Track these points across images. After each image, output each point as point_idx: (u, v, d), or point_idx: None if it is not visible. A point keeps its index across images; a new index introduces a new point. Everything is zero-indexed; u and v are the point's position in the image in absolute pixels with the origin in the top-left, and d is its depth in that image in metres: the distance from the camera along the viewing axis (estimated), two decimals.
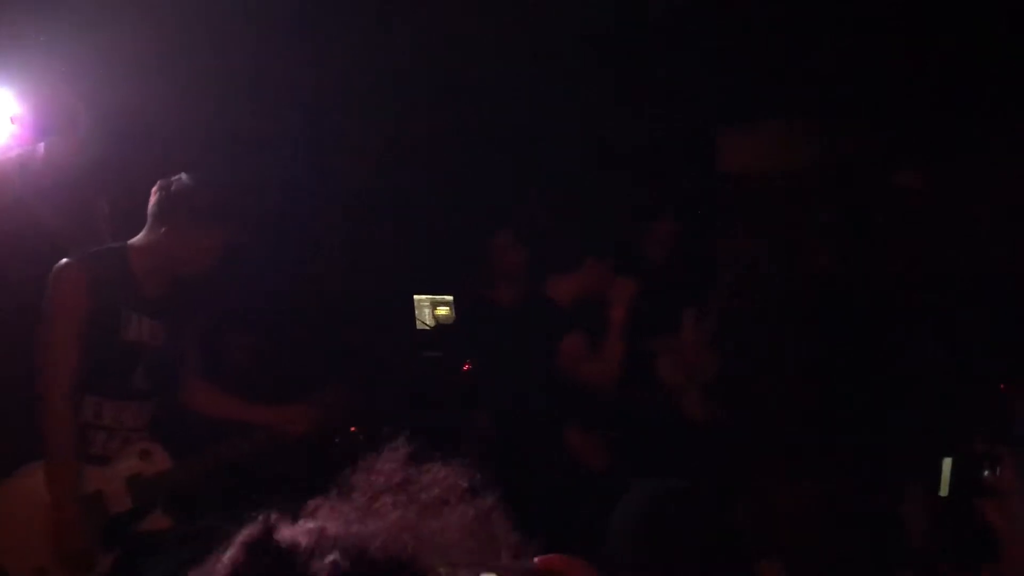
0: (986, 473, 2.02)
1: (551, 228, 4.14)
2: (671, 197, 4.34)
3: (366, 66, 3.90)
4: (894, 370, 3.94)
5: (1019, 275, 3.88)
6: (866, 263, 4.24)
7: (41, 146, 3.56)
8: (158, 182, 3.06)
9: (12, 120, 3.52)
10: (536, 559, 0.90)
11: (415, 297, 5.09)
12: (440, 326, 4.96)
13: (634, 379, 3.81)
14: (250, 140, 3.92)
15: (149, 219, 3.07)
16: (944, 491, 2.18)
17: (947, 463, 2.18)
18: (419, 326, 5.07)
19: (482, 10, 3.54)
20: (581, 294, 3.74)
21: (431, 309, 5.16)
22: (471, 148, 4.45)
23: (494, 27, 3.59)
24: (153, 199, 3.06)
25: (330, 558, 0.83)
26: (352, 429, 4.19)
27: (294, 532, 0.87)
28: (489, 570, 0.86)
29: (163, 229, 3.03)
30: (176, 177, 3.05)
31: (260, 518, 0.87)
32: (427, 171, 4.49)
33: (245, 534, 0.87)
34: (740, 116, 4.47)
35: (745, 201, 4.46)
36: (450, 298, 5.05)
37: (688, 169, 4.59)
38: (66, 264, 2.96)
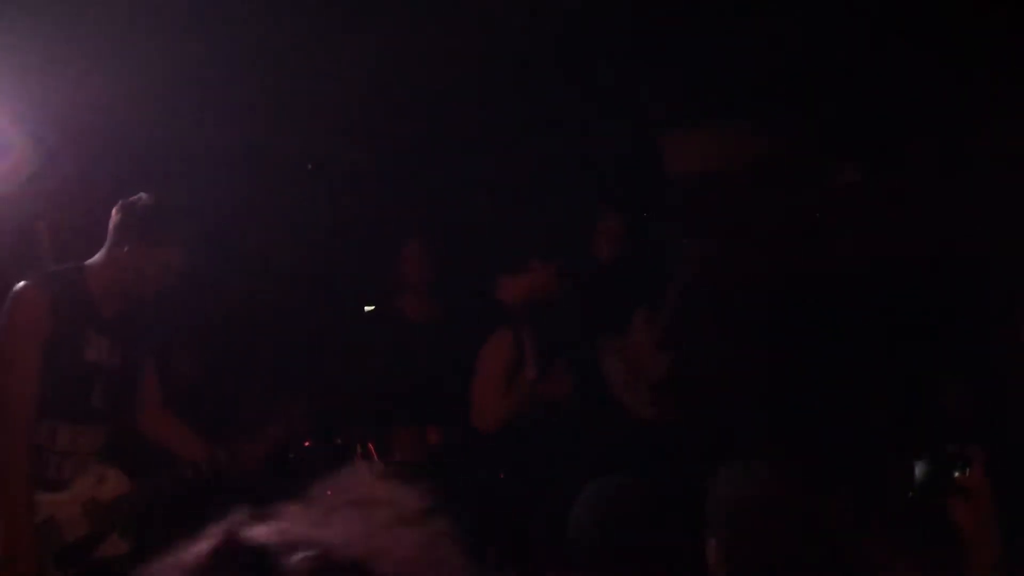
0: (956, 474, 2.07)
1: (497, 230, 4.16)
2: (615, 196, 4.39)
3: (312, 75, 3.89)
4: (842, 368, 4.02)
5: (963, 267, 3.99)
6: (808, 260, 4.33)
7: None
8: (119, 202, 3.03)
9: None
10: None
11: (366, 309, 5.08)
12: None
13: (581, 379, 3.85)
14: (198, 157, 3.88)
15: (108, 238, 3.03)
16: (913, 492, 2.23)
17: (919, 465, 2.22)
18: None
19: (420, 16, 3.55)
20: (529, 296, 3.77)
21: None
22: (414, 159, 4.45)
23: (433, 31, 3.60)
24: (112, 219, 3.03)
25: (298, 556, 0.84)
26: (306, 444, 4.17)
27: (261, 532, 0.89)
28: None
29: (121, 248, 2.99)
30: (135, 197, 3.02)
31: (227, 519, 0.89)
32: (375, 183, 4.48)
33: (212, 532, 0.88)
34: (683, 117, 4.54)
35: (691, 201, 4.52)
36: None
37: (633, 169, 4.65)
38: (25, 285, 2.90)
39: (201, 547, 0.87)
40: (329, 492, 0.97)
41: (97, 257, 3.04)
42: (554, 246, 3.85)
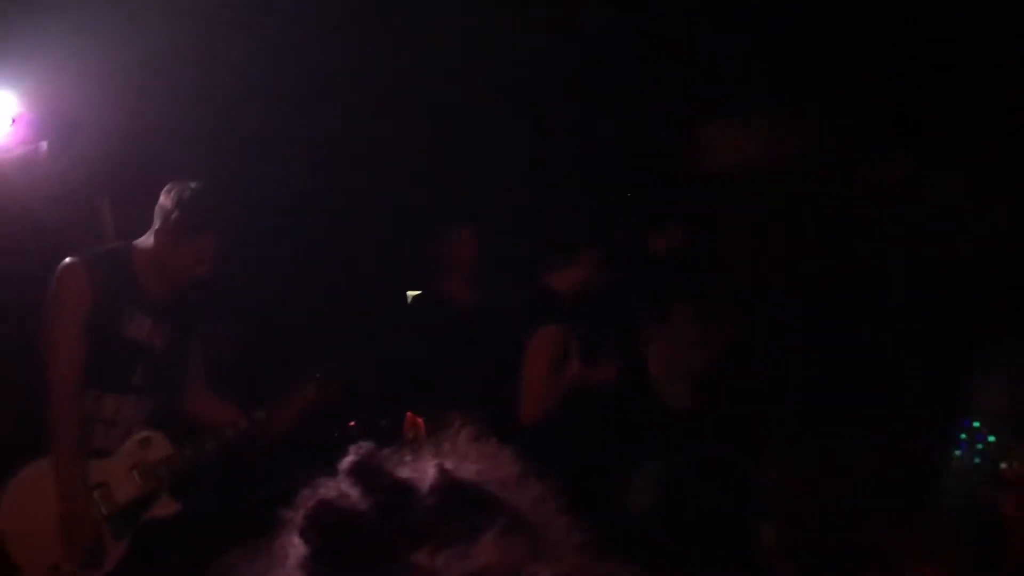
0: (1003, 466, 2.07)
1: (547, 221, 4.20)
2: (670, 200, 4.40)
3: (359, 66, 3.96)
4: (881, 359, 4.01)
5: (1000, 263, 3.96)
6: (849, 253, 4.32)
7: (43, 145, 3.62)
8: (167, 186, 3.14)
9: (13, 121, 3.58)
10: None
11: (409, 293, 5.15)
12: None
13: (625, 369, 3.88)
14: (250, 140, 3.98)
15: (154, 221, 3.15)
16: (955, 481, 2.23)
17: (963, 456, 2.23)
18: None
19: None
20: (577, 285, 3.79)
21: None
22: (463, 145, 4.51)
23: (481, 17, 3.65)
24: (159, 202, 3.14)
25: (431, 479, 0.89)
26: (351, 424, 4.24)
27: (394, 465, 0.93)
28: None
29: (160, 232, 3.11)
30: (182, 184, 3.12)
31: (359, 449, 0.93)
32: (418, 167, 4.54)
33: (350, 462, 0.93)
34: (723, 111, 4.55)
35: (731, 195, 4.53)
36: None
37: (675, 163, 4.66)
38: (69, 262, 3.04)
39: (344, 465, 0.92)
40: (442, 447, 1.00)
41: (144, 238, 3.16)
42: (604, 235, 3.87)
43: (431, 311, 4.21)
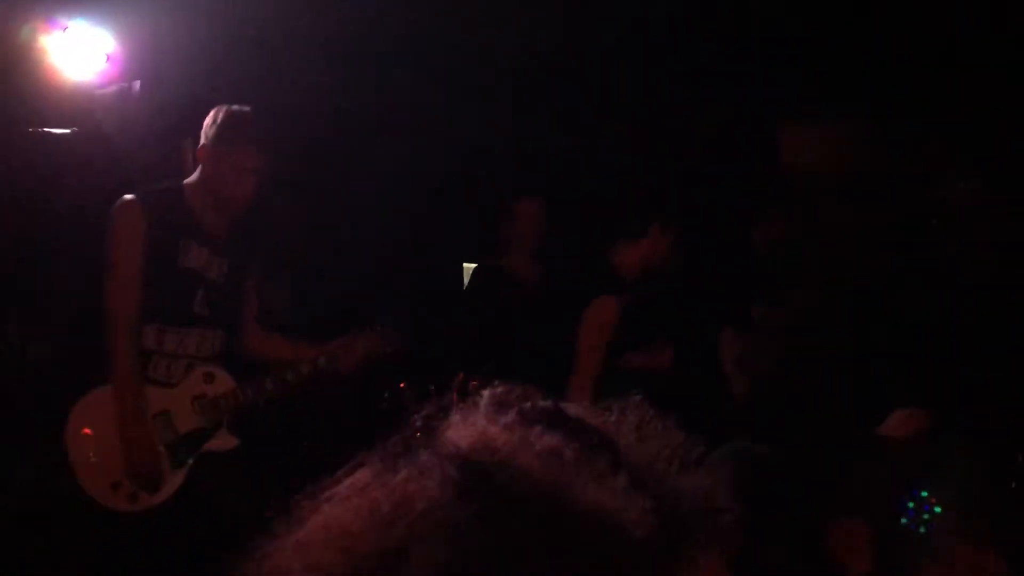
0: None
1: (616, 196, 4.20)
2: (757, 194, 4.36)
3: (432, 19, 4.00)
4: (943, 374, 3.96)
5: None
6: (919, 269, 4.27)
7: (137, 84, 3.73)
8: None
9: (108, 58, 3.69)
10: None
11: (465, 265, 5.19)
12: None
13: (685, 355, 3.85)
14: (331, 94, 4.05)
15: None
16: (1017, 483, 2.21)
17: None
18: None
19: None
20: (646, 263, 3.74)
21: None
22: (538, 120, 4.53)
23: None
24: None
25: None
26: (401, 385, 4.30)
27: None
28: None
29: (202, 151, 3.17)
30: (224, 105, 3.19)
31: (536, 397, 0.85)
32: (491, 139, 4.57)
33: (528, 407, 0.83)
34: (804, 112, 4.52)
35: (806, 198, 4.50)
36: None
37: (751, 161, 4.64)
38: (125, 199, 3.15)
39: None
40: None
41: (195, 173, 3.24)
42: (676, 216, 3.83)
43: (492, 283, 4.23)
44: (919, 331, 4.04)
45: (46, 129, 3.68)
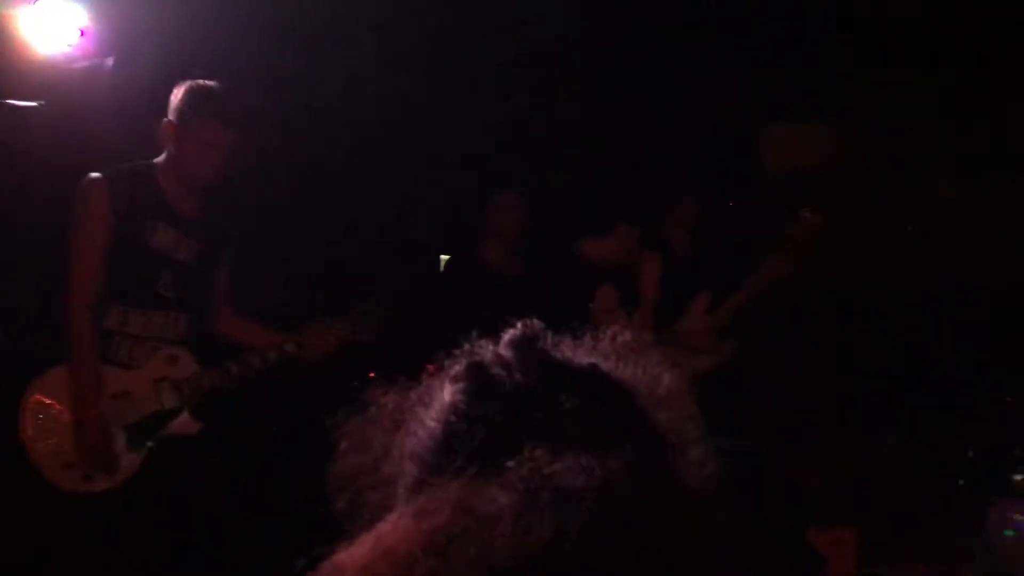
0: (1018, 477, 2.06)
1: (587, 192, 4.20)
2: (693, 180, 4.37)
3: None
4: (907, 375, 3.97)
5: None
6: (893, 269, 4.28)
7: (110, 61, 3.66)
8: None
9: (82, 32, 3.63)
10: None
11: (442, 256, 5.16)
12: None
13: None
14: (306, 79, 4.01)
15: None
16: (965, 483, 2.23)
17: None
18: None
19: None
20: (610, 260, 3.81)
21: None
22: (504, 109, 4.51)
23: None
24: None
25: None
26: (371, 375, 4.26)
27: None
28: None
29: (168, 127, 3.10)
30: (191, 80, 3.12)
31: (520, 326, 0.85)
32: (467, 130, 4.54)
33: (510, 336, 0.85)
34: (783, 113, 4.52)
35: (781, 197, 4.50)
36: None
37: (723, 159, 4.64)
38: (91, 177, 3.08)
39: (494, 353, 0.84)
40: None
41: (163, 153, 3.17)
42: (640, 214, 3.87)
43: (466, 274, 4.21)
44: (888, 331, 4.05)
45: (12, 102, 3.61)
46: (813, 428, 3.79)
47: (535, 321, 0.87)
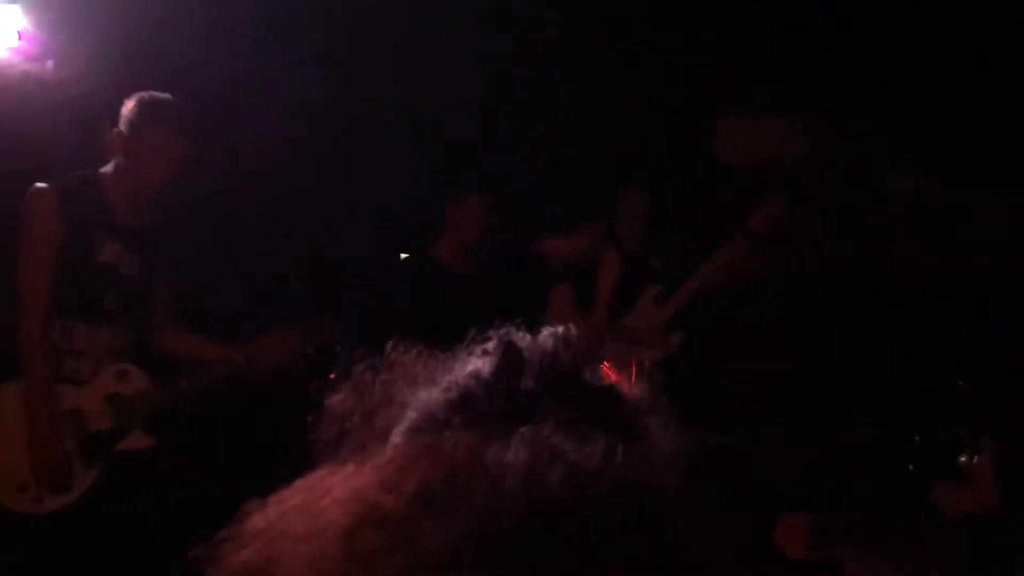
0: (963, 459, 2.08)
1: (549, 191, 4.19)
2: (643, 173, 4.38)
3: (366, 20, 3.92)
4: (870, 363, 4.02)
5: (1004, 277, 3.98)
6: (852, 259, 4.32)
7: (49, 64, 3.55)
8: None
9: (20, 35, 3.52)
10: None
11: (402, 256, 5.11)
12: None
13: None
14: (250, 78, 3.92)
15: None
16: (913, 467, 2.26)
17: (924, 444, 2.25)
18: None
19: None
20: (572, 258, 3.81)
21: None
22: (460, 112, 4.47)
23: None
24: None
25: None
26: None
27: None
28: None
29: (116, 137, 3.02)
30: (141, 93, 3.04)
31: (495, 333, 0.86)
32: (420, 136, 4.50)
33: (495, 343, 0.85)
34: (739, 106, 4.54)
35: (738, 190, 4.51)
36: None
37: (678, 153, 4.65)
38: (38, 188, 2.98)
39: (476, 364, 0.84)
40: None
41: (110, 163, 3.09)
42: (605, 212, 3.88)
43: (422, 273, 4.17)
44: (849, 320, 4.10)
45: None
46: (778, 420, 3.83)
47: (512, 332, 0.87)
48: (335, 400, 0.90)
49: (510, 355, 0.83)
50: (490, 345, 0.85)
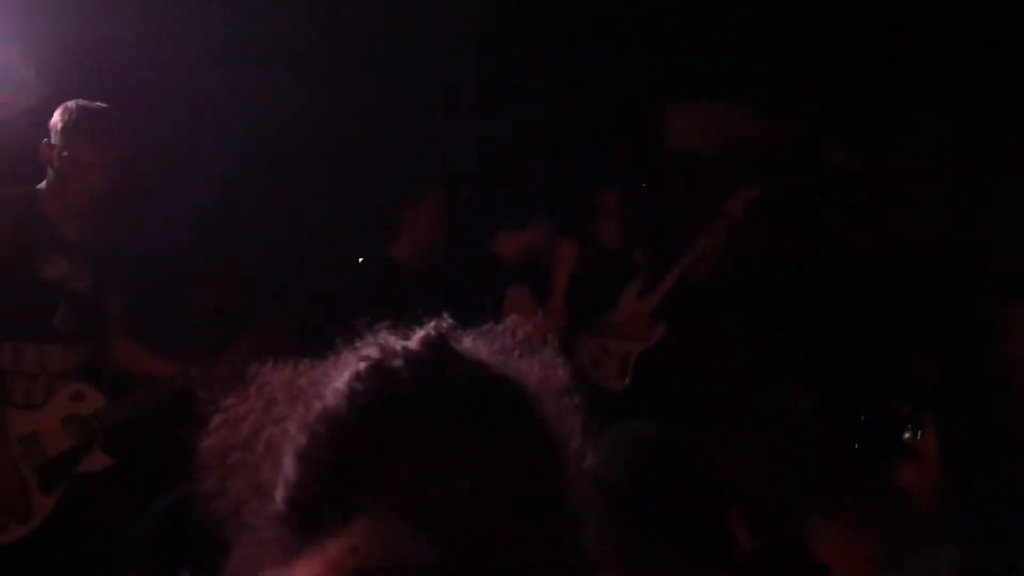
0: (907, 435, 2.12)
1: (499, 188, 4.18)
2: (612, 167, 4.39)
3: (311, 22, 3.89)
4: (819, 343, 4.07)
5: (951, 253, 4.05)
6: (801, 241, 4.37)
7: None
8: None
9: None
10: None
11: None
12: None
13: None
14: (202, 87, 3.87)
15: None
16: (859, 446, 2.29)
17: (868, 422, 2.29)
18: None
19: None
20: (525, 253, 3.81)
21: None
22: (410, 107, 4.44)
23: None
24: None
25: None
26: None
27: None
28: None
29: (47, 148, 2.95)
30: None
31: (431, 327, 0.89)
32: (366, 132, 4.47)
33: (421, 336, 0.87)
34: (684, 94, 4.56)
35: (689, 178, 4.54)
36: None
37: (633, 144, 4.66)
38: None
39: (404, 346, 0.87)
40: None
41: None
42: (557, 209, 3.88)
43: (377, 273, 4.16)
44: (797, 305, 4.15)
45: None
46: (730, 409, 3.86)
47: (446, 319, 0.91)
48: (208, 444, 0.90)
49: (379, 372, 0.85)
50: (363, 354, 0.87)
